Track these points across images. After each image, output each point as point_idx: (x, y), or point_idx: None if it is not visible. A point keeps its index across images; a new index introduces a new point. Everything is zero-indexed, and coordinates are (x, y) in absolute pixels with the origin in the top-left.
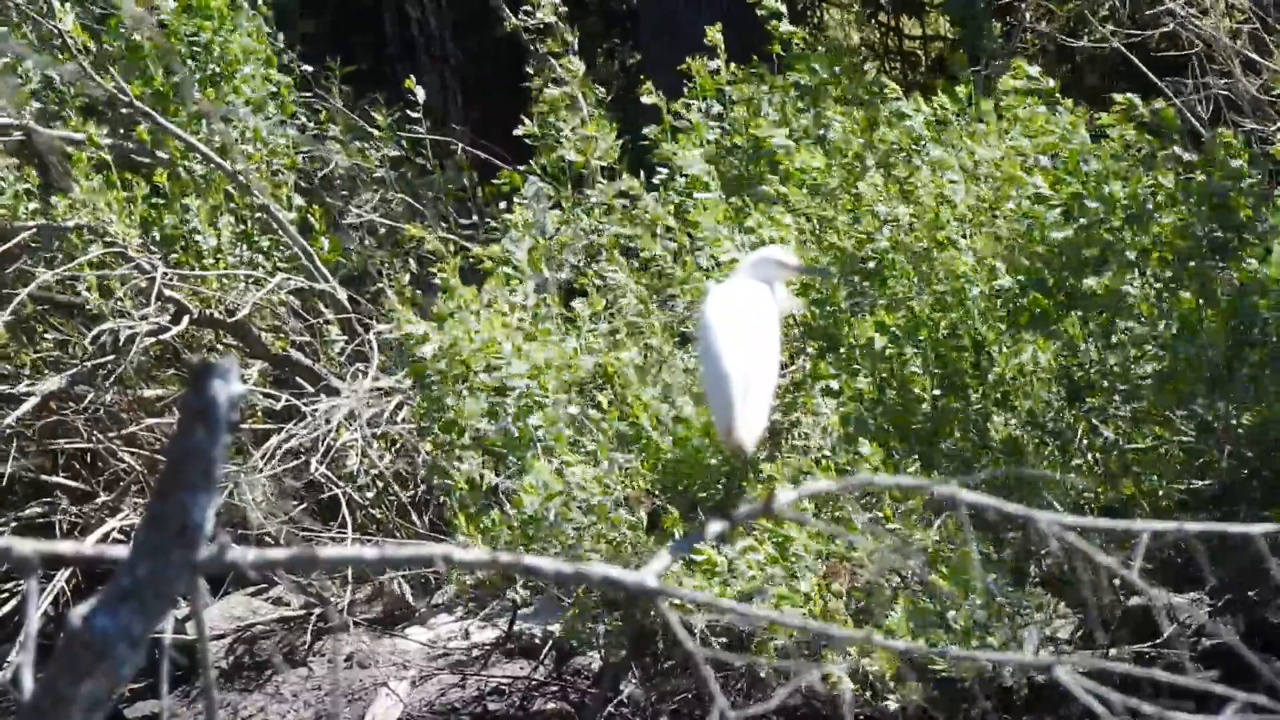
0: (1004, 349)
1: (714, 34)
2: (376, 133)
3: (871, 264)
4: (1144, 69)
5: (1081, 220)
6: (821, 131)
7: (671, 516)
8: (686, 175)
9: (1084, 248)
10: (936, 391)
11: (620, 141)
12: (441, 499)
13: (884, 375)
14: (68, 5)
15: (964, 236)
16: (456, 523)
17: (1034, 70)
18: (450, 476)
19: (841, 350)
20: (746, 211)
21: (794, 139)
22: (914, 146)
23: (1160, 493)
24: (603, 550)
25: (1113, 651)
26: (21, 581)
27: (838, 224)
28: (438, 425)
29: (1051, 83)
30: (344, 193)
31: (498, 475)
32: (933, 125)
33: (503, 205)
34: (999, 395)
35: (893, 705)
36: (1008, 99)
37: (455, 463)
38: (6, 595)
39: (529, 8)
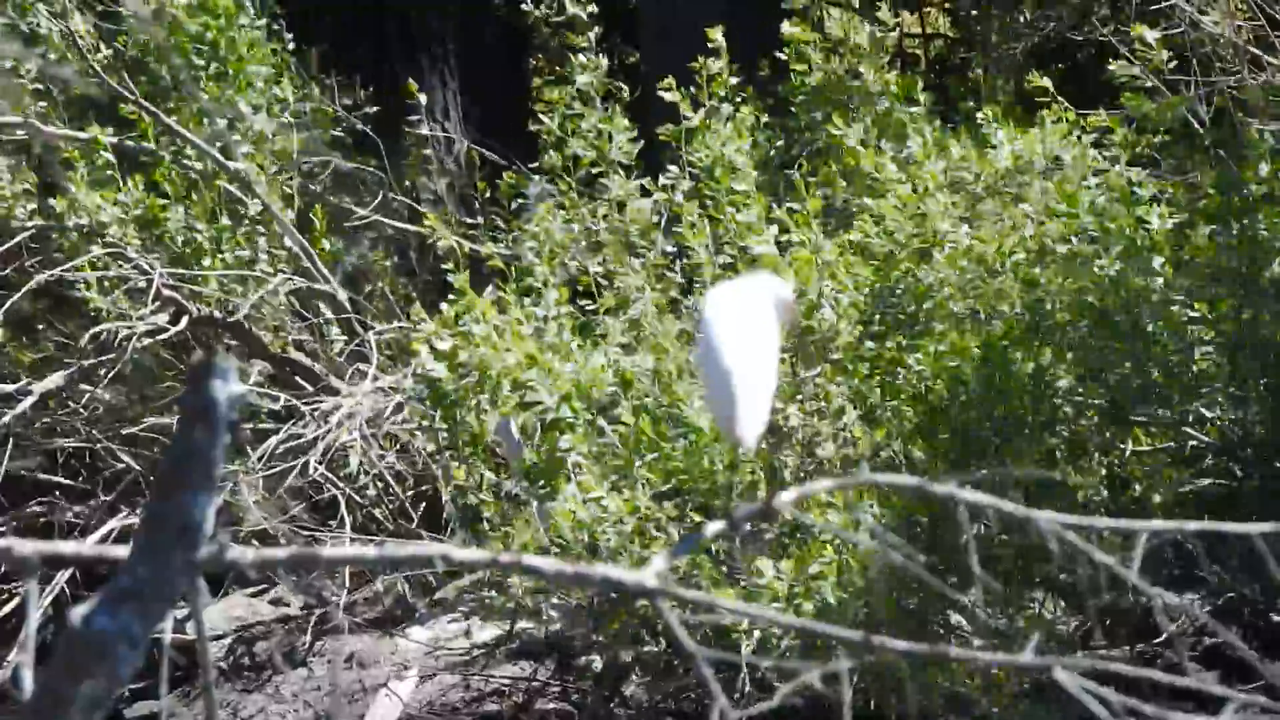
0: (1049, 375)
1: (716, 35)
2: (370, 133)
3: (929, 282)
4: (1140, 70)
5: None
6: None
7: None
8: (717, 166)
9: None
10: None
11: (637, 140)
12: (459, 507)
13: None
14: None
15: (1027, 263)
16: (486, 538)
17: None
18: (476, 500)
19: (885, 372)
20: (783, 199)
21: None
22: (998, 177)
23: (1162, 497)
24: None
25: (1112, 652)
26: (21, 582)
27: (909, 242)
28: (460, 443)
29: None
30: (346, 193)
31: (520, 490)
32: (1017, 157)
33: (507, 205)
34: (1038, 417)
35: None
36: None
37: (477, 486)
38: (6, 595)
39: (530, 3)
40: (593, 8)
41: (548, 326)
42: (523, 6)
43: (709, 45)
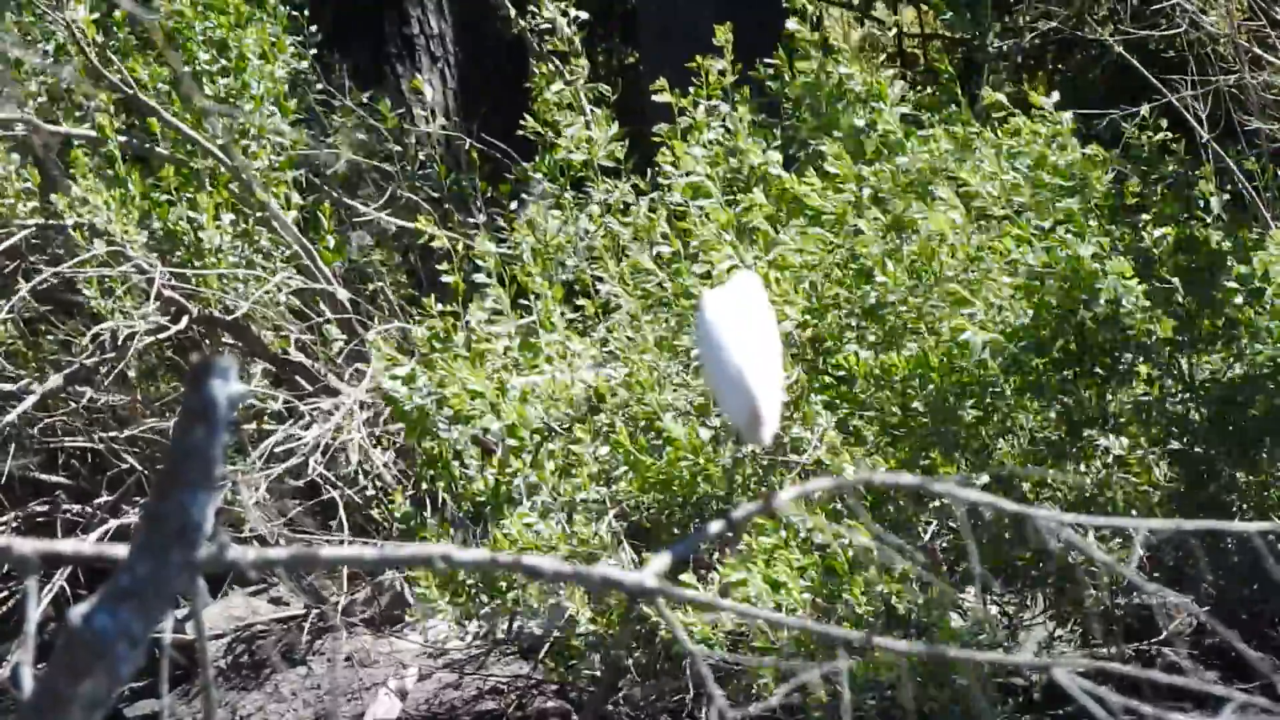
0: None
1: (723, 34)
2: (380, 130)
3: (872, 300)
4: (1145, 71)
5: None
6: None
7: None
8: (687, 177)
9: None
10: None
11: (623, 142)
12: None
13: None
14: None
15: (967, 278)
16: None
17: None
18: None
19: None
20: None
21: (797, 158)
22: (914, 184)
23: (1154, 500)
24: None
25: (1111, 651)
26: (21, 581)
27: (837, 259)
28: (421, 463)
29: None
30: (348, 191)
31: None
32: (941, 155)
33: (506, 205)
34: (1000, 428)
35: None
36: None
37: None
38: (6, 595)
39: (533, 8)
40: (580, 12)
41: (514, 343)
42: (514, 17)
43: (709, 45)
